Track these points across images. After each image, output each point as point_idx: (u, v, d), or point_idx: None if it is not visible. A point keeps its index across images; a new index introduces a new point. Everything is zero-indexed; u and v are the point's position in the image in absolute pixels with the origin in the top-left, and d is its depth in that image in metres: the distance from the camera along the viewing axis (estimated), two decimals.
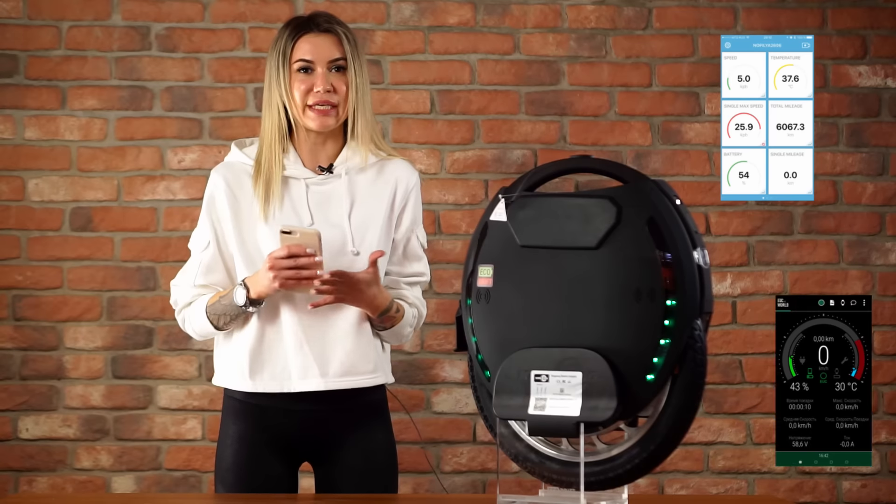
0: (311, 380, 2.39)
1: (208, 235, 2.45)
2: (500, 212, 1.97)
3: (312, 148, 2.47)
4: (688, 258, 1.86)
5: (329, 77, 2.42)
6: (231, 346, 2.45)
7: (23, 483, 3.40)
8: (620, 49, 3.48)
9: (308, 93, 2.42)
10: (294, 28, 2.46)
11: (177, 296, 2.49)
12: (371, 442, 2.46)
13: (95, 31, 3.45)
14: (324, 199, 2.43)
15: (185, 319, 2.48)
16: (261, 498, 2.34)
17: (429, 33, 3.48)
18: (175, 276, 2.52)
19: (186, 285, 2.47)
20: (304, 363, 2.39)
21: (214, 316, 2.42)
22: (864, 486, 3.45)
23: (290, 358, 2.39)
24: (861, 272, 3.47)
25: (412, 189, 2.51)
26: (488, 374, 1.95)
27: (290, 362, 2.39)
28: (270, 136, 2.44)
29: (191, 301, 2.46)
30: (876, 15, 3.49)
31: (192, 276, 2.46)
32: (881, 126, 3.48)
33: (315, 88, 2.41)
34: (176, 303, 2.49)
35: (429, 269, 2.57)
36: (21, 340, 3.41)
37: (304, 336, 2.39)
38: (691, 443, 3.43)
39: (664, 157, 3.47)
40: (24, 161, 3.42)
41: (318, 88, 2.41)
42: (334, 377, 2.40)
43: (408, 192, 2.50)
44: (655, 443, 1.89)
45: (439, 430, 3.43)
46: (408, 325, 2.48)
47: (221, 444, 2.46)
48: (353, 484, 2.44)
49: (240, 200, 2.43)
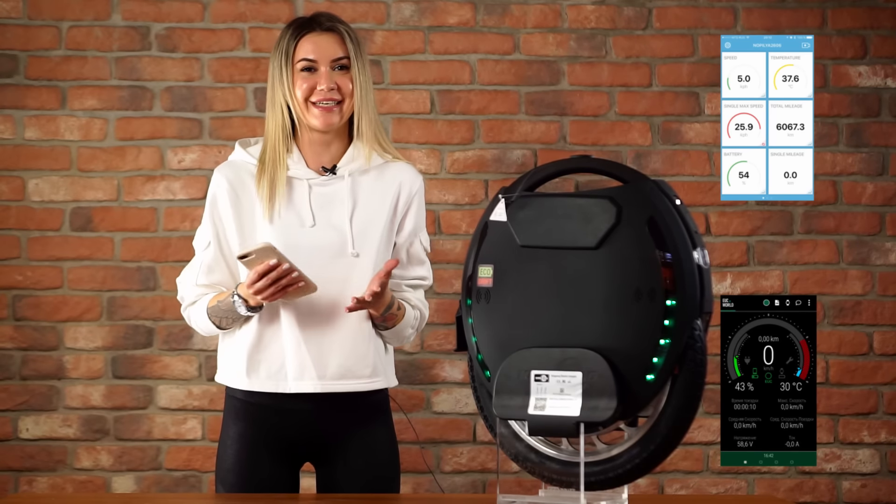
0: (306, 381, 2.39)
1: (209, 235, 2.45)
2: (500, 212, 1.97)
3: (316, 148, 2.46)
4: (688, 258, 1.86)
5: (332, 76, 2.42)
6: (232, 344, 2.45)
7: (23, 483, 3.40)
8: (620, 49, 3.49)
9: (312, 91, 2.41)
10: (297, 28, 2.46)
11: (182, 293, 2.50)
12: (373, 442, 2.46)
13: (95, 31, 3.45)
14: (326, 201, 2.43)
15: (190, 317, 2.49)
16: (261, 498, 2.34)
17: (429, 33, 3.48)
18: (180, 274, 2.52)
19: (190, 284, 2.47)
20: (300, 364, 2.38)
21: (216, 318, 2.42)
22: (864, 486, 3.45)
23: (288, 358, 2.39)
24: (861, 272, 3.47)
25: (415, 193, 2.50)
26: (488, 374, 1.95)
27: (287, 362, 2.39)
28: (274, 136, 2.44)
29: (194, 301, 2.47)
30: (876, 15, 3.49)
31: (195, 275, 2.47)
32: (881, 126, 3.48)
33: (319, 87, 2.41)
34: (182, 299, 2.50)
35: (431, 272, 2.56)
36: (21, 340, 3.41)
37: (302, 337, 2.38)
38: (691, 443, 3.44)
39: (664, 157, 3.47)
40: (24, 161, 3.42)
41: (322, 87, 2.41)
42: (331, 380, 2.39)
43: (411, 197, 2.49)
44: (655, 443, 1.89)
45: (439, 430, 3.43)
46: (409, 325, 2.48)
47: (222, 444, 2.46)
48: (355, 484, 2.43)
49: (242, 200, 2.43)
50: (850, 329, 3.47)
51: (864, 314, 3.46)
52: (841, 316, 3.46)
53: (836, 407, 3.45)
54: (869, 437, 3.45)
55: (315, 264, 2.36)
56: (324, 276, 2.36)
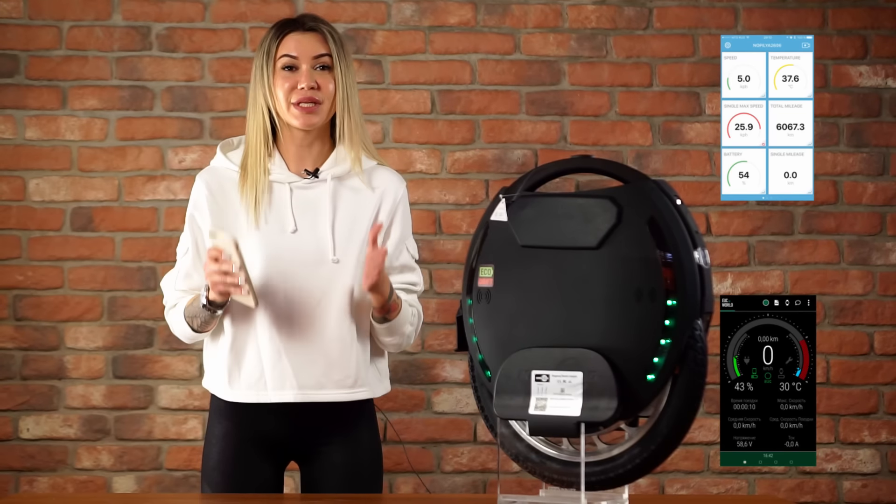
0: (286, 391, 2.36)
1: (188, 242, 2.43)
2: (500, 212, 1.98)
3: (298, 151, 2.42)
4: (688, 258, 1.86)
5: (314, 74, 2.38)
6: (214, 351, 2.44)
7: (23, 483, 3.40)
8: (621, 49, 3.49)
9: (292, 90, 2.37)
10: (279, 28, 2.43)
11: (166, 296, 2.49)
12: (355, 441, 2.44)
13: (96, 31, 3.45)
14: (308, 206, 2.39)
15: (171, 322, 2.47)
16: (257, 498, 2.34)
17: (429, 33, 3.48)
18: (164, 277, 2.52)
19: (171, 288, 2.46)
20: (280, 374, 2.36)
21: (189, 318, 2.39)
22: (864, 486, 3.45)
23: (267, 368, 2.36)
24: (861, 272, 3.47)
25: (400, 200, 2.46)
26: (489, 374, 1.95)
27: (266, 372, 2.36)
28: (255, 139, 2.40)
29: (174, 304, 2.45)
30: (876, 15, 3.49)
31: (174, 280, 2.46)
32: (881, 126, 3.48)
33: (299, 86, 2.37)
34: (166, 303, 2.49)
35: (422, 279, 2.53)
36: (22, 340, 3.41)
37: (282, 345, 2.35)
38: (692, 443, 3.44)
39: (664, 157, 3.47)
40: (24, 161, 3.43)
41: (303, 85, 2.36)
42: (312, 389, 2.37)
43: (395, 204, 2.46)
44: (656, 443, 1.89)
45: (440, 430, 3.43)
46: (408, 322, 2.44)
47: (207, 443, 2.45)
48: (335, 482, 2.42)
49: (223, 208, 2.39)
50: (850, 329, 3.47)
51: (864, 314, 3.46)
52: (842, 316, 3.46)
53: (836, 407, 3.45)
54: (870, 438, 3.45)
55: (296, 271, 2.34)
56: (305, 282, 2.34)
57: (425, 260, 3.39)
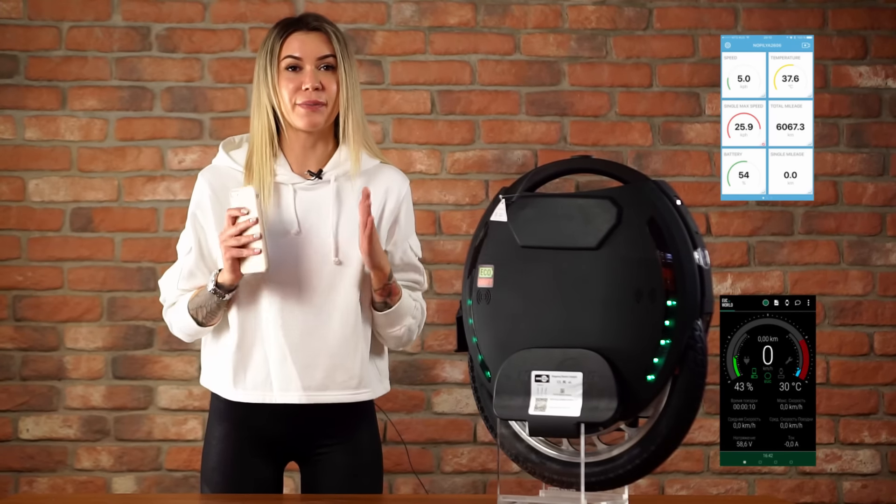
0: (292, 392, 2.35)
1: (191, 241, 2.42)
2: (500, 212, 1.97)
3: (302, 151, 2.41)
4: (688, 258, 1.86)
5: (318, 75, 2.37)
6: (217, 351, 2.42)
7: (23, 483, 3.40)
8: (621, 49, 3.48)
9: (296, 91, 2.36)
10: (282, 27, 2.41)
11: (164, 294, 2.48)
12: (356, 442, 2.44)
13: (96, 31, 3.45)
14: (312, 206, 2.38)
15: (171, 320, 2.45)
16: (256, 498, 2.34)
17: (429, 34, 3.48)
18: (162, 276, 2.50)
19: (172, 287, 2.45)
20: (286, 375, 2.35)
21: (194, 309, 2.37)
22: (864, 487, 3.45)
23: (273, 369, 2.36)
24: (861, 272, 3.47)
25: (403, 199, 2.46)
26: (489, 375, 1.95)
27: (272, 373, 2.36)
28: (260, 139, 2.39)
29: (174, 302, 2.44)
30: (876, 15, 3.49)
31: (176, 279, 2.45)
32: (882, 126, 3.48)
33: (304, 86, 2.35)
34: (164, 301, 2.48)
35: (425, 277, 2.53)
36: (21, 341, 3.41)
37: (287, 347, 2.35)
38: (692, 443, 3.44)
39: (664, 158, 3.47)
40: (24, 161, 3.42)
41: (307, 86, 2.35)
42: (317, 391, 2.36)
43: (399, 203, 2.45)
44: (656, 443, 1.89)
45: (440, 431, 3.43)
46: (410, 313, 2.43)
47: (207, 444, 2.45)
48: (335, 482, 2.42)
49: (225, 206, 2.37)
50: (850, 329, 3.47)
51: (864, 314, 3.46)
52: (841, 316, 3.46)
53: (836, 407, 3.45)
54: (870, 438, 3.45)
55: (300, 272, 2.34)
56: (309, 284, 2.34)
57: (425, 260, 3.38)
